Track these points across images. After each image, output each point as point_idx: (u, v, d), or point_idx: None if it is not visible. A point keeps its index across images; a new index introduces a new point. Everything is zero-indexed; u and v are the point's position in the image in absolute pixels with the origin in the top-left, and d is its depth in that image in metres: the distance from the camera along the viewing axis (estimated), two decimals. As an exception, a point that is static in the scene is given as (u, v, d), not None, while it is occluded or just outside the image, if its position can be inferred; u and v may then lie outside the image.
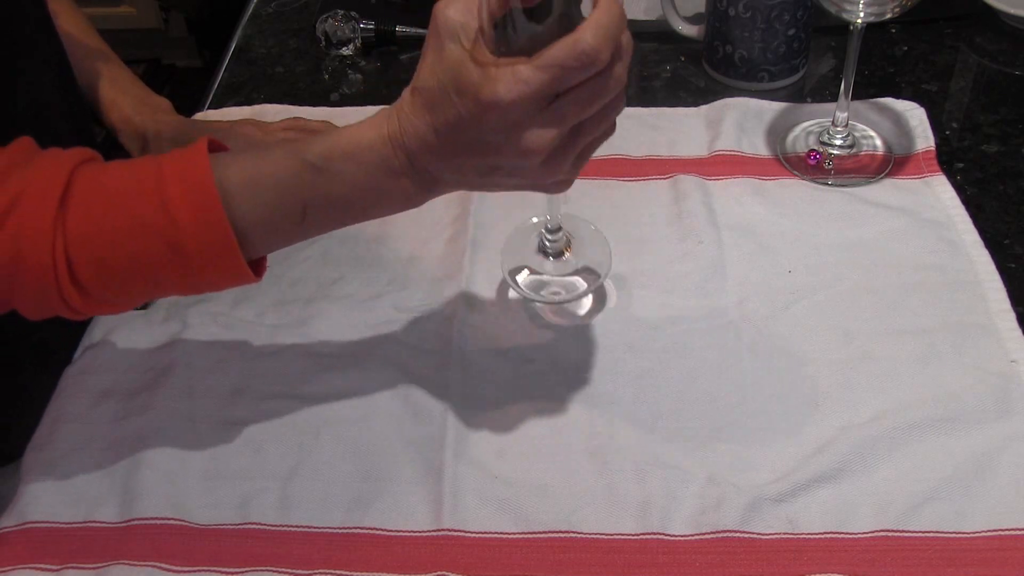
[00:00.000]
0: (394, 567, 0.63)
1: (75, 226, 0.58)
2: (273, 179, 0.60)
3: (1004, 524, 0.63)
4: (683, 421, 0.70)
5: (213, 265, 0.60)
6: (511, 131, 0.56)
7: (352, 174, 0.59)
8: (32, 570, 0.64)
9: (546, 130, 0.56)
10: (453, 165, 0.59)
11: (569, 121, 0.56)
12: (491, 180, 0.60)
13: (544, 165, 0.58)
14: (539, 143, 0.56)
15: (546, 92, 0.54)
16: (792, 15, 0.92)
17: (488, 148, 0.57)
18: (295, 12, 1.14)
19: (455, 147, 0.58)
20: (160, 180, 0.59)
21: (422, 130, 0.58)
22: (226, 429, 0.71)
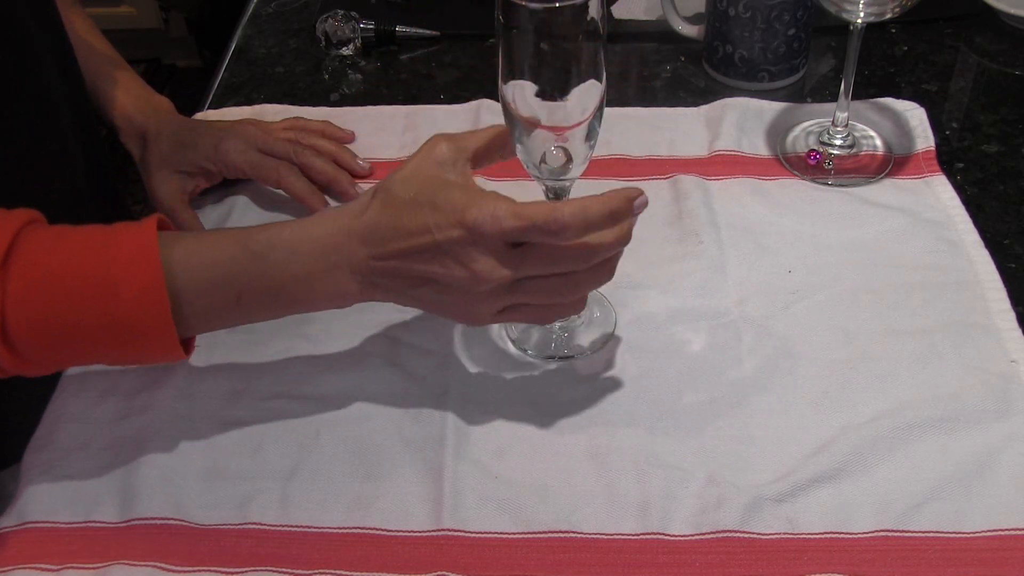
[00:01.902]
0: (394, 567, 0.63)
1: (15, 290, 0.59)
2: (212, 261, 0.63)
3: (1004, 524, 0.63)
4: (683, 421, 0.70)
5: (147, 340, 0.62)
6: (472, 253, 0.61)
7: (289, 264, 0.63)
8: (32, 570, 0.64)
9: (502, 264, 0.61)
10: (392, 266, 0.62)
11: (523, 268, 0.62)
12: (419, 292, 0.64)
13: (479, 296, 0.63)
14: (491, 273, 0.61)
15: (514, 237, 0.60)
16: (792, 15, 0.92)
17: (439, 258, 0.61)
18: (295, 12, 1.14)
19: (404, 250, 0.62)
20: (107, 254, 0.61)
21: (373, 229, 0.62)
22: (226, 429, 0.71)
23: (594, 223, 0.61)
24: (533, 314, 0.66)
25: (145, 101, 0.89)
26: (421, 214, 0.61)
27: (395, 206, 0.62)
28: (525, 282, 0.63)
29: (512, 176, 0.90)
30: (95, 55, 0.91)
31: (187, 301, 0.62)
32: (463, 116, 0.96)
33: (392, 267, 0.63)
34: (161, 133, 0.86)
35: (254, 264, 0.63)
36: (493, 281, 0.61)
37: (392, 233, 0.62)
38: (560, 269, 0.63)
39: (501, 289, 0.63)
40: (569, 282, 0.64)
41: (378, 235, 0.62)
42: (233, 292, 0.63)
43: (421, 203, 0.61)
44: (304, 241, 0.63)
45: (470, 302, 0.64)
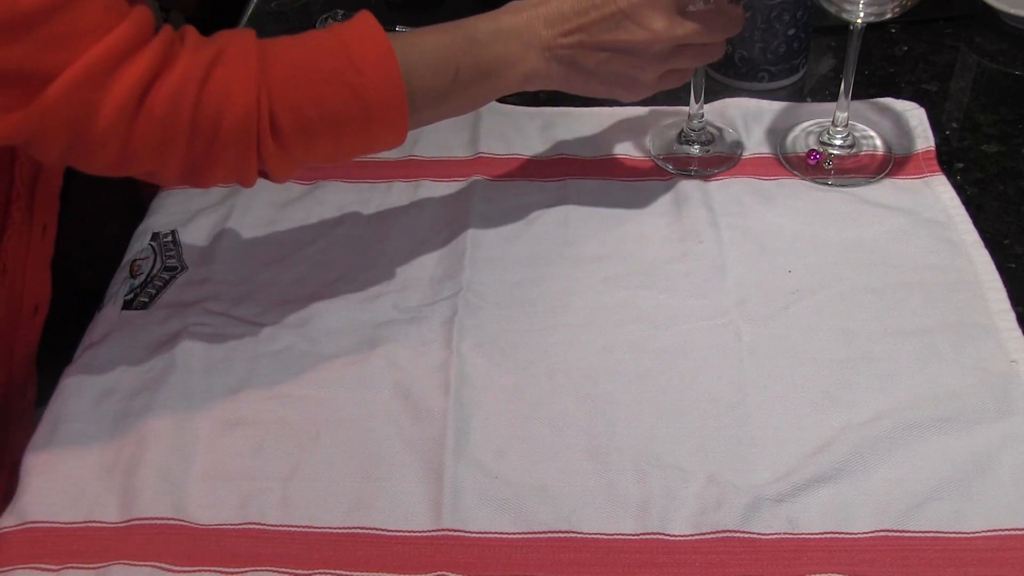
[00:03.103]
0: (394, 567, 0.63)
1: (277, 78, 0.65)
2: (432, 44, 0.72)
3: (1004, 524, 0.63)
4: (683, 421, 0.70)
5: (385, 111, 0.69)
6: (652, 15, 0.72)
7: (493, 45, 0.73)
8: (32, 570, 0.64)
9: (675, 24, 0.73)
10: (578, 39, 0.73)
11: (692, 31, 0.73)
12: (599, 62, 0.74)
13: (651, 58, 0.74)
14: (667, 31, 0.73)
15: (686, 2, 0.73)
16: (792, 15, 0.92)
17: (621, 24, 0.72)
18: (295, 12, 1.14)
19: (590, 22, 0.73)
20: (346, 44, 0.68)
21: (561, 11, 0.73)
22: (226, 429, 0.71)
23: None
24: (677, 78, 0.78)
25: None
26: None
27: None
28: (683, 48, 0.75)
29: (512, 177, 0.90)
30: None
31: (415, 76, 0.69)
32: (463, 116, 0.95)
33: (577, 40, 0.73)
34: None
35: (466, 45, 0.72)
36: (666, 40, 0.73)
37: (577, 11, 0.73)
38: (720, 35, 0.75)
39: (669, 51, 0.74)
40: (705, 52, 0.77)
41: (564, 15, 0.73)
42: (451, 71, 0.72)
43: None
44: (505, 27, 0.73)
45: (641, 65, 0.75)
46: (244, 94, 0.64)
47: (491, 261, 0.81)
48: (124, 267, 0.83)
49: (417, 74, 0.70)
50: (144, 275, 0.82)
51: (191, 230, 0.86)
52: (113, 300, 0.81)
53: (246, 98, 0.64)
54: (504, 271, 0.81)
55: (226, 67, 0.64)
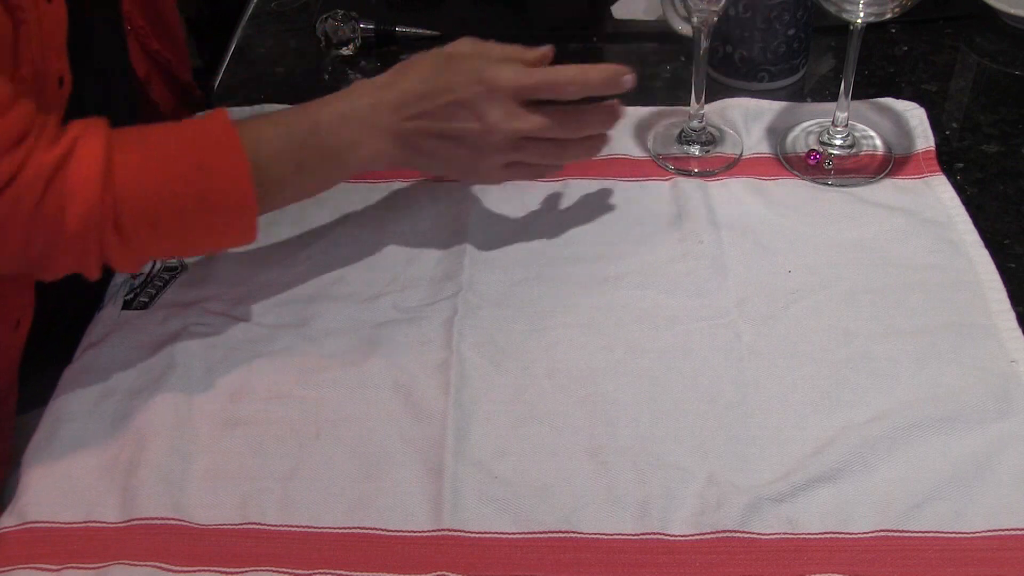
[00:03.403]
0: (394, 567, 0.63)
1: (122, 175, 0.65)
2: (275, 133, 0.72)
3: (1004, 524, 0.63)
4: (683, 421, 0.70)
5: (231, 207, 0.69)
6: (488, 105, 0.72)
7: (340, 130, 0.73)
8: (32, 570, 0.64)
9: (513, 117, 0.73)
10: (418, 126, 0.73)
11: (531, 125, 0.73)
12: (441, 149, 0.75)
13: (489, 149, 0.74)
14: (503, 123, 0.72)
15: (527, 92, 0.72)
16: (792, 15, 0.92)
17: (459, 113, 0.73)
18: (295, 12, 1.14)
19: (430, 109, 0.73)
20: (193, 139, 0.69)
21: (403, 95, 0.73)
22: (226, 429, 0.71)
23: (594, 84, 0.73)
24: (531, 172, 0.79)
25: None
26: (445, 78, 0.73)
27: (423, 73, 0.74)
28: (528, 141, 0.74)
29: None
30: None
31: (262, 169, 0.69)
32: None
33: (420, 126, 0.73)
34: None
35: (311, 132, 0.73)
36: (503, 132, 0.73)
37: (421, 97, 0.73)
38: (560, 132, 0.75)
39: (508, 143, 0.74)
40: (566, 148, 0.77)
41: (408, 99, 0.73)
42: (296, 160, 0.72)
43: (445, 68, 0.73)
44: (351, 111, 0.73)
45: (481, 155, 0.75)
46: (89, 193, 0.64)
47: (491, 261, 0.81)
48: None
49: (264, 167, 0.70)
50: (144, 275, 0.82)
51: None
52: (113, 300, 0.81)
53: (90, 197, 0.64)
54: (504, 271, 0.81)
55: (73, 165, 0.64)
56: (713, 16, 0.82)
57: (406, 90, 0.73)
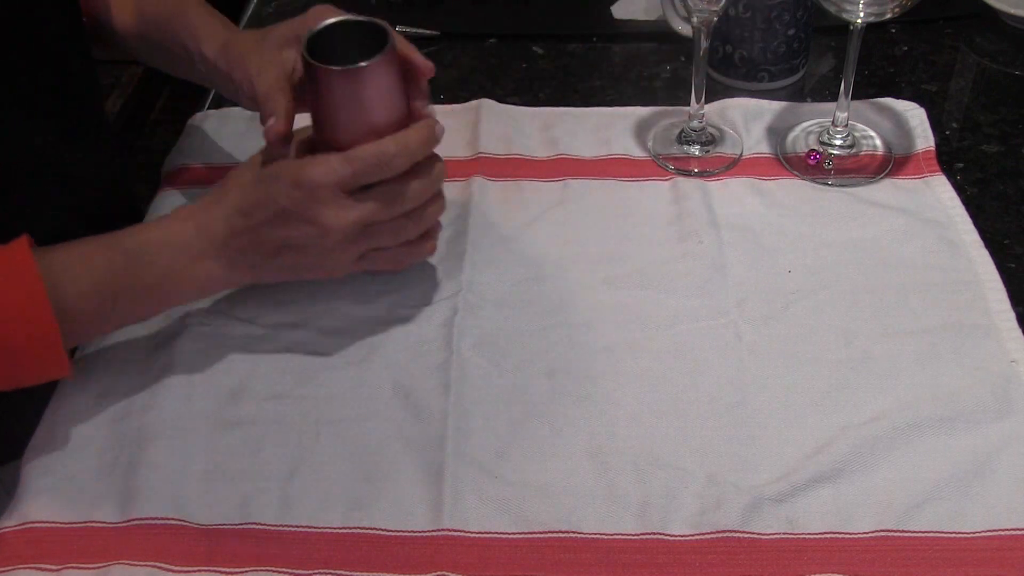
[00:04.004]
0: (394, 567, 0.63)
1: None
2: (87, 267, 0.66)
3: (1003, 524, 0.63)
4: (683, 421, 0.70)
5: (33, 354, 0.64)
6: (315, 207, 0.67)
7: (158, 259, 0.68)
8: (32, 570, 0.64)
9: (344, 211, 0.67)
10: (247, 240, 0.69)
11: (366, 212, 0.68)
12: (280, 261, 0.70)
13: (332, 248, 0.69)
14: (336, 221, 0.67)
15: (350, 181, 0.67)
16: (792, 15, 0.92)
17: (288, 221, 0.67)
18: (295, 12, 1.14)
19: (257, 223, 0.68)
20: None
21: (226, 212, 0.68)
22: (226, 429, 0.71)
23: (415, 150, 0.69)
24: (389, 258, 0.74)
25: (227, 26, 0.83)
26: (263, 187, 0.68)
27: (241, 188, 0.69)
28: (372, 227, 0.70)
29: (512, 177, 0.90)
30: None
31: (69, 309, 0.65)
32: (463, 116, 0.96)
33: (248, 242, 0.69)
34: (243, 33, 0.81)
35: (124, 264, 0.68)
36: (341, 229, 0.68)
37: (244, 211, 0.68)
38: (399, 208, 0.70)
39: (351, 238, 0.69)
40: (410, 218, 0.71)
41: (232, 217, 0.68)
42: (110, 295, 0.67)
43: (261, 179, 0.68)
44: (169, 235, 0.69)
45: (327, 255, 0.70)
46: None
47: (491, 261, 0.81)
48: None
49: (71, 306, 0.65)
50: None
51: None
52: (113, 300, 0.80)
53: None
54: (504, 271, 0.81)
55: None
56: (713, 16, 0.82)
57: (228, 208, 0.68)
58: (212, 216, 0.69)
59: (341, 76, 0.67)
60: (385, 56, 0.67)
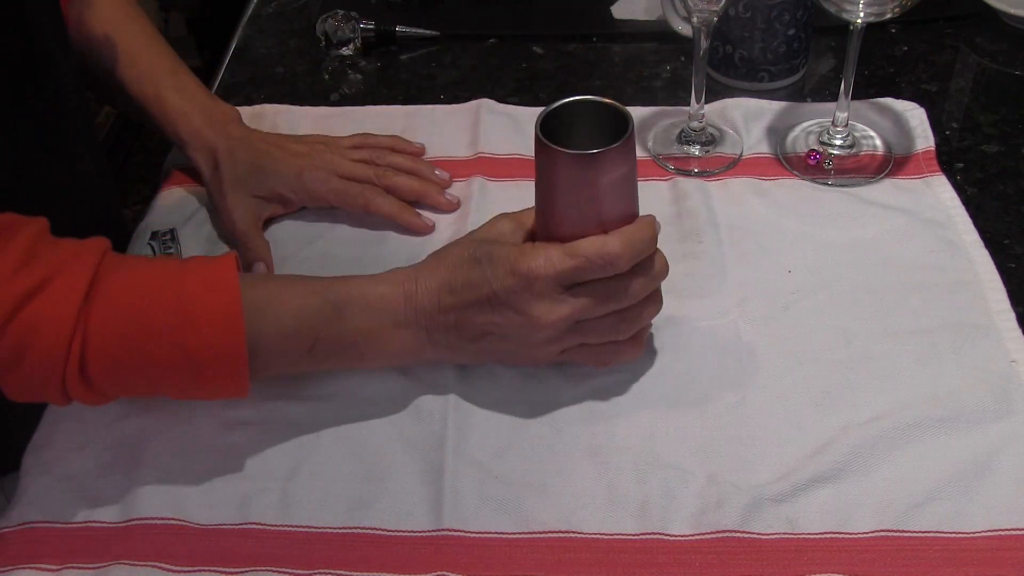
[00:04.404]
0: (394, 567, 0.63)
1: (97, 324, 0.60)
2: (291, 309, 0.66)
3: (1004, 524, 0.63)
4: (683, 421, 0.70)
5: (218, 377, 0.63)
6: (528, 298, 0.64)
7: (361, 318, 0.66)
8: (32, 570, 0.64)
9: (557, 305, 0.64)
10: (452, 319, 0.67)
11: (579, 308, 0.65)
12: (480, 345, 0.68)
13: (539, 341, 0.67)
14: (547, 315, 0.65)
15: (568, 277, 0.64)
16: (792, 15, 0.92)
17: (497, 308, 0.65)
18: (295, 12, 1.14)
19: (463, 303, 0.66)
20: (189, 296, 0.62)
21: (436, 286, 0.67)
22: (226, 429, 0.71)
23: (640, 249, 0.65)
24: (593, 354, 0.69)
25: (214, 113, 0.86)
26: (478, 269, 0.65)
27: (454, 265, 0.67)
28: (582, 323, 0.66)
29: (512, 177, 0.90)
30: (159, 64, 0.88)
31: (263, 344, 0.64)
32: (463, 116, 0.96)
33: (452, 321, 0.67)
34: (235, 153, 0.84)
35: (331, 316, 0.66)
36: (550, 325, 0.65)
37: (452, 290, 0.66)
38: (614, 306, 0.66)
39: (560, 332, 0.66)
40: (624, 318, 0.67)
41: (439, 293, 0.66)
42: (308, 341, 0.66)
43: (478, 259, 0.66)
44: (376, 298, 0.67)
45: (531, 347, 0.67)
46: (56, 334, 0.59)
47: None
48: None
49: (267, 340, 0.64)
50: (144, 275, 0.82)
51: (190, 228, 0.86)
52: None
53: (57, 338, 0.59)
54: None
55: (46, 299, 0.59)
56: (713, 16, 0.82)
57: (440, 282, 0.66)
58: (421, 287, 0.67)
59: (576, 161, 0.63)
60: (624, 143, 0.63)
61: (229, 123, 0.87)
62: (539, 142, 0.64)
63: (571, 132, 0.65)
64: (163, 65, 0.88)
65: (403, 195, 0.86)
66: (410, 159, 0.89)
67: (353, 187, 0.84)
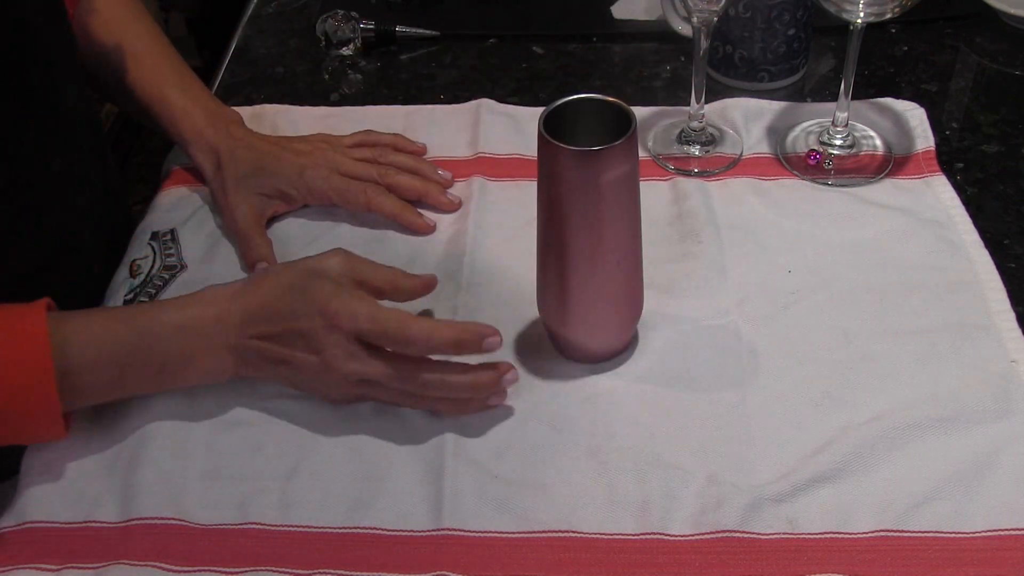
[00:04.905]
0: (394, 567, 0.63)
1: None
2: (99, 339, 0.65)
3: (1003, 524, 0.63)
4: (683, 421, 0.70)
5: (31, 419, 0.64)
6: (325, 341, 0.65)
7: (172, 342, 0.67)
8: (32, 570, 0.64)
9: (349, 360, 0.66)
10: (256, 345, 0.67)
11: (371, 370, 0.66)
12: (279, 371, 0.68)
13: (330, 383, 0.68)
14: (338, 364, 0.66)
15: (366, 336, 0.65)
16: (792, 15, 0.92)
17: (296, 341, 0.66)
18: (295, 12, 1.14)
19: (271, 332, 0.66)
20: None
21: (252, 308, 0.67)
22: (226, 429, 0.71)
23: (438, 346, 0.66)
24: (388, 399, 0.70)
25: (217, 115, 0.87)
26: (291, 299, 0.66)
27: (272, 290, 0.67)
28: (372, 383, 0.67)
29: (512, 177, 0.90)
30: (163, 64, 0.88)
31: (73, 378, 0.64)
32: (463, 116, 0.96)
33: (258, 346, 0.67)
34: (238, 153, 0.84)
35: (140, 342, 0.66)
36: (341, 373, 0.66)
37: (264, 316, 0.67)
38: (401, 385, 0.67)
39: (348, 382, 0.67)
40: (413, 397, 0.69)
41: (253, 317, 0.67)
42: (117, 368, 0.66)
43: (296, 289, 0.67)
44: (188, 320, 0.67)
45: (324, 386, 0.69)
46: None
47: (491, 261, 0.81)
48: (123, 267, 0.83)
49: (74, 374, 0.64)
50: (144, 275, 0.82)
51: (191, 228, 0.86)
52: (112, 300, 0.80)
53: None
54: (504, 271, 0.80)
55: None
56: (713, 16, 0.82)
57: (252, 306, 0.67)
58: (233, 309, 0.67)
59: (579, 157, 0.63)
60: (627, 141, 0.63)
61: (232, 124, 0.87)
62: (542, 139, 0.64)
63: (574, 130, 0.66)
64: (167, 65, 0.89)
65: (405, 194, 0.86)
66: (412, 158, 0.89)
67: (355, 185, 0.85)
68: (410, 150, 0.91)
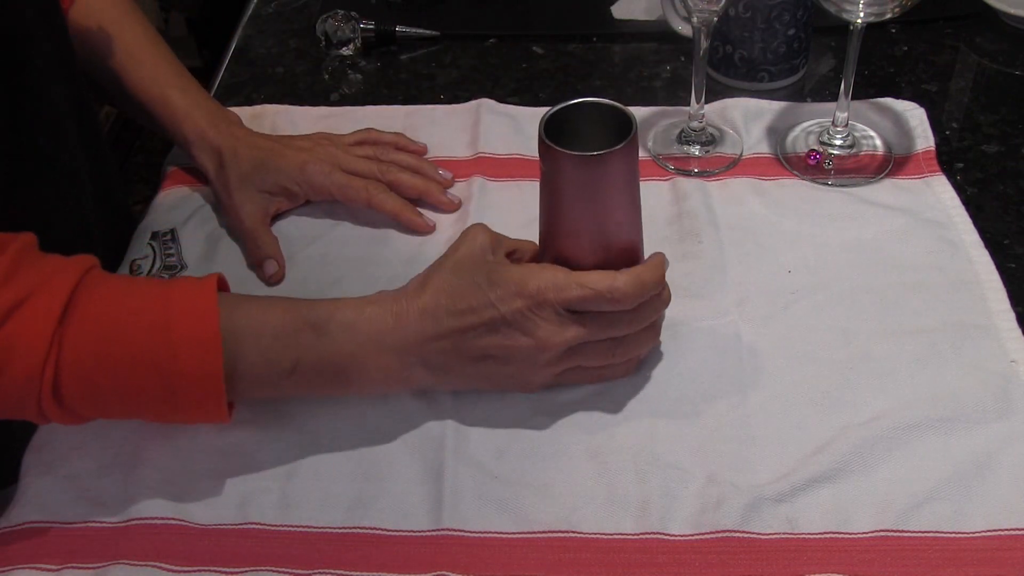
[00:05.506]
0: (394, 567, 0.63)
1: (72, 346, 0.60)
2: (272, 331, 0.64)
3: (1003, 524, 0.63)
4: (683, 421, 0.70)
5: (196, 401, 0.62)
6: (536, 321, 0.64)
7: (346, 342, 0.65)
8: (32, 570, 0.64)
9: (562, 329, 0.65)
10: (451, 344, 0.65)
11: (582, 334, 0.65)
12: (479, 368, 0.67)
13: (540, 363, 0.67)
14: (554, 338, 0.65)
15: (574, 304, 0.65)
16: (792, 15, 0.92)
17: (501, 330, 0.65)
18: (295, 12, 1.14)
19: (466, 327, 0.65)
20: (166, 318, 0.61)
21: (431, 308, 0.65)
22: (226, 429, 0.71)
23: (648, 290, 0.66)
24: (586, 376, 0.70)
25: (217, 115, 0.87)
26: (480, 292, 0.65)
27: (451, 288, 0.65)
28: (582, 346, 0.67)
29: (512, 177, 0.90)
30: (163, 66, 0.89)
31: (241, 367, 0.63)
32: (463, 116, 0.96)
33: (451, 345, 0.65)
34: (239, 151, 0.84)
35: (312, 338, 0.64)
36: (557, 346, 0.66)
37: (451, 313, 0.65)
38: (615, 333, 0.67)
39: (561, 354, 0.67)
40: (622, 344, 0.68)
41: (435, 316, 0.65)
42: (288, 363, 0.65)
43: (478, 283, 0.65)
44: (362, 320, 0.65)
45: (531, 370, 0.67)
46: (30, 356, 0.58)
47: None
48: (123, 267, 0.83)
49: (245, 362, 0.63)
50: (144, 275, 0.82)
51: (191, 228, 0.86)
52: (113, 300, 0.80)
53: (31, 360, 0.58)
54: (504, 271, 0.80)
55: (21, 319, 0.58)
56: (713, 16, 0.82)
57: (435, 304, 0.65)
58: (413, 310, 0.65)
59: (580, 162, 0.63)
60: (628, 145, 0.63)
61: (232, 124, 0.87)
62: (543, 144, 0.64)
63: (574, 134, 0.65)
64: (167, 67, 0.89)
65: (405, 192, 0.86)
66: (414, 157, 0.89)
67: (356, 182, 0.85)
68: (411, 149, 0.91)
